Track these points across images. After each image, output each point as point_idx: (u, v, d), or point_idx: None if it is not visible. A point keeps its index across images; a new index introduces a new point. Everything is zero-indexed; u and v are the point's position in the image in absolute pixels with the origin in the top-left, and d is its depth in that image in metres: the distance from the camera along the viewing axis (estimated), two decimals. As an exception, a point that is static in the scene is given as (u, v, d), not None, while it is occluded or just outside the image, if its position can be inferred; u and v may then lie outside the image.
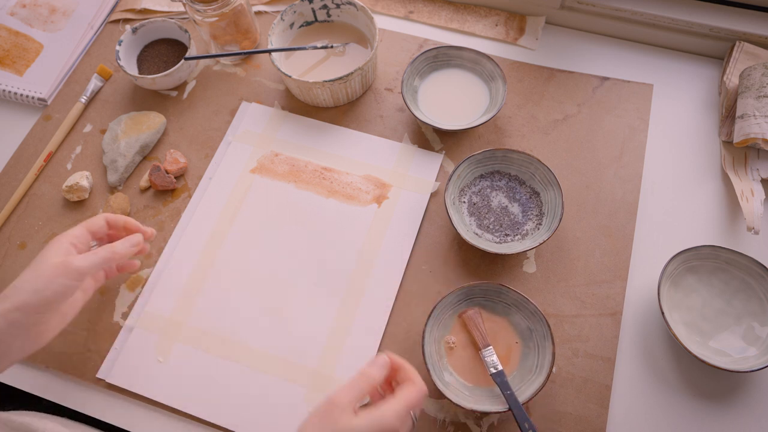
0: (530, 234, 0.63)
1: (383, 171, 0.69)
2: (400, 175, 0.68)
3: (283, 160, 0.70)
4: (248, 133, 0.72)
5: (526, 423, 0.52)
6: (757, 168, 0.66)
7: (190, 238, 0.66)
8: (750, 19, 0.72)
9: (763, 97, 0.64)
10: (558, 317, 0.61)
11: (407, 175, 0.68)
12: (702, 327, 0.59)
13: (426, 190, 0.67)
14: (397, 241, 0.65)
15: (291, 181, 0.69)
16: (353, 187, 0.68)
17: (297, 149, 0.71)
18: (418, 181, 0.68)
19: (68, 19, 0.84)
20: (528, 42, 0.78)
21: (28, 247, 0.68)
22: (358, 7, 0.73)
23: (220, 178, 0.70)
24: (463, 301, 0.60)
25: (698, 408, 0.56)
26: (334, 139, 0.71)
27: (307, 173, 0.69)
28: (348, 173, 0.69)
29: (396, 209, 0.66)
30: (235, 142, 0.72)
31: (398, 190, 0.67)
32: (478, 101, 0.72)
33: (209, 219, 0.67)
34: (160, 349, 0.60)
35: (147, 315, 0.62)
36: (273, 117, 0.73)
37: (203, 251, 0.65)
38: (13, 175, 0.73)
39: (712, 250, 0.59)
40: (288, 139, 0.71)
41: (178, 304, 0.62)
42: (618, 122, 0.71)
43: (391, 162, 0.69)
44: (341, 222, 0.66)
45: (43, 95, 0.77)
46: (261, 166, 0.70)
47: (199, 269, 0.64)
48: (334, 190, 0.68)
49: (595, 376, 0.58)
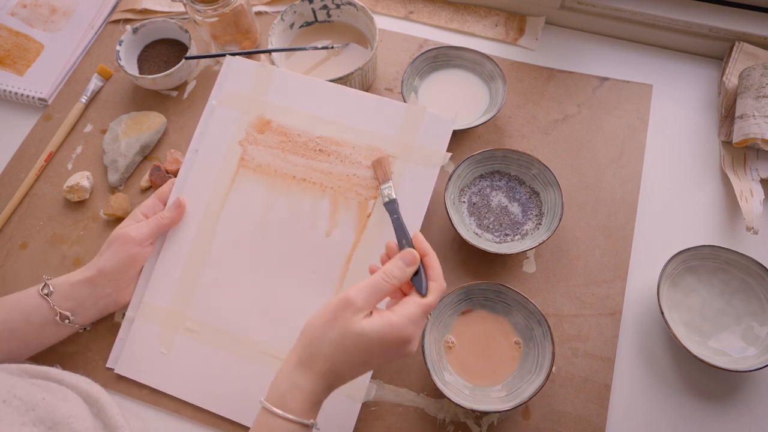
0: (530, 234, 0.63)
1: (387, 140, 0.61)
2: (405, 145, 0.61)
3: (275, 129, 0.63)
4: (234, 96, 0.64)
5: (403, 240, 0.51)
6: (757, 168, 0.66)
7: (181, 224, 0.62)
8: (749, 19, 0.72)
9: (763, 98, 0.65)
10: (558, 317, 0.61)
11: (414, 145, 0.61)
12: (701, 327, 0.59)
13: (435, 163, 0.60)
14: None
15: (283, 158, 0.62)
16: (351, 161, 0.61)
17: (289, 114, 0.63)
18: (426, 152, 0.60)
19: (69, 19, 0.84)
20: (528, 42, 0.78)
21: (30, 247, 0.68)
22: (358, 8, 0.73)
23: (207, 152, 0.64)
24: (463, 301, 0.60)
25: (698, 408, 0.57)
26: (331, 100, 0.63)
27: (299, 146, 0.63)
28: (346, 144, 0.62)
29: (401, 188, 0.60)
30: (220, 108, 0.64)
31: (403, 164, 0.60)
32: (478, 101, 0.72)
33: (198, 202, 0.63)
34: (162, 340, 0.60)
35: (146, 306, 0.61)
36: (261, 74, 0.65)
37: (195, 238, 0.62)
38: (13, 176, 0.73)
39: (711, 250, 0.60)
40: (279, 102, 0.64)
41: (175, 294, 0.61)
42: (618, 122, 0.71)
43: (396, 127, 0.61)
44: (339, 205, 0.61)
45: (44, 95, 0.78)
46: (250, 137, 0.63)
47: (192, 257, 0.61)
48: (329, 173, 0.61)
49: (594, 375, 0.58)
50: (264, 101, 0.64)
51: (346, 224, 0.60)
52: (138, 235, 0.58)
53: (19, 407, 0.45)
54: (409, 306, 0.45)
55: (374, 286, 0.45)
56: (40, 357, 0.61)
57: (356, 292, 0.44)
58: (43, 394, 0.47)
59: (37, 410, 0.46)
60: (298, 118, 0.63)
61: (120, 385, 0.60)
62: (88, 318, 0.58)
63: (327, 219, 0.61)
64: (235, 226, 0.62)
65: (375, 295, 0.45)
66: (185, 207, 0.62)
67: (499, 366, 0.58)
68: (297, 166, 0.62)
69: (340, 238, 0.60)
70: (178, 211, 0.61)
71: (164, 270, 0.61)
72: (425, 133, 0.61)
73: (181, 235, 0.62)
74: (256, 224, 0.61)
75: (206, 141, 0.64)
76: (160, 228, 0.60)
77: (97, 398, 0.52)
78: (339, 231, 0.60)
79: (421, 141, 0.61)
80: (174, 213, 0.61)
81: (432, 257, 0.48)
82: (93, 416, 0.50)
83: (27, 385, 0.47)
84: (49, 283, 0.56)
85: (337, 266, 0.60)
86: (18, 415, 0.44)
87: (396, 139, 0.61)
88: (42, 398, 0.46)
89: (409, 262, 0.47)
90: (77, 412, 0.48)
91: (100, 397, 0.52)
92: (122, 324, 0.61)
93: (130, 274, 0.60)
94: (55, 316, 0.55)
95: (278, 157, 0.63)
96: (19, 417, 0.44)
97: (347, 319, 0.43)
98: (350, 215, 0.60)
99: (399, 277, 0.46)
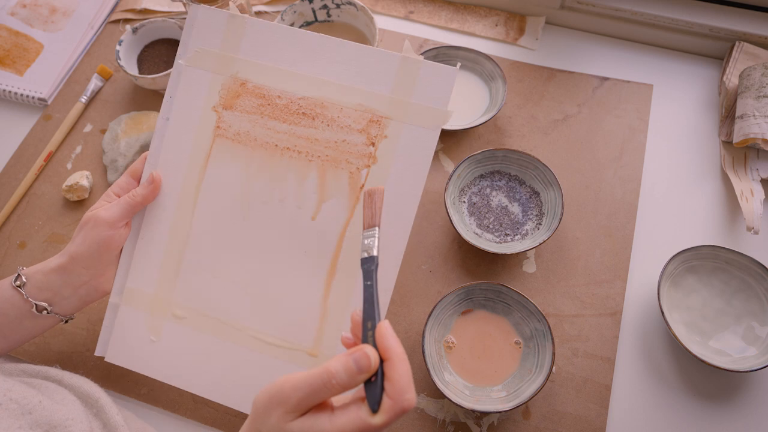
0: (530, 234, 0.63)
1: (378, 98, 0.54)
2: (400, 103, 0.53)
3: (251, 91, 0.56)
4: (203, 54, 0.57)
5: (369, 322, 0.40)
6: (757, 168, 0.66)
7: (159, 203, 0.57)
8: (750, 19, 0.72)
9: (763, 97, 0.65)
10: (558, 317, 0.61)
11: (410, 103, 0.53)
12: (702, 327, 0.59)
13: (436, 123, 0.52)
14: (399, 195, 0.53)
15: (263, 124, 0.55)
16: (339, 125, 0.54)
17: (266, 73, 0.56)
18: (425, 111, 0.53)
19: (68, 19, 0.84)
20: (528, 42, 0.78)
21: (28, 247, 0.68)
22: (358, 7, 0.73)
23: (179, 121, 0.57)
24: (463, 301, 0.60)
25: (698, 408, 0.57)
26: (313, 53, 0.55)
27: (280, 109, 0.55)
28: (332, 105, 0.54)
29: (396, 153, 0.53)
30: (188, 69, 0.57)
31: (398, 125, 0.53)
32: (478, 101, 0.72)
33: (175, 178, 0.57)
34: (150, 327, 0.56)
35: (130, 292, 0.56)
36: (232, 26, 0.56)
37: (174, 218, 0.57)
38: (13, 175, 0.73)
39: (711, 250, 0.59)
40: (253, 58, 0.56)
41: (159, 279, 0.56)
42: (618, 122, 0.71)
43: (389, 82, 0.53)
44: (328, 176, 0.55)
45: (44, 95, 0.78)
46: (224, 102, 0.56)
47: (173, 239, 0.57)
48: (314, 140, 0.55)
49: (594, 375, 0.58)
50: (236, 58, 0.56)
51: (336, 198, 0.54)
52: (109, 216, 0.53)
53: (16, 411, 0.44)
54: (349, 418, 0.37)
55: (312, 388, 0.37)
56: (38, 356, 0.61)
57: (291, 389, 0.38)
58: (39, 397, 0.46)
59: (34, 414, 0.45)
60: (277, 77, 0.55)
61: (119, 384, 0.59)
62: (68, 308, 0.54)
63: (315, 193, 0.54)
64: (216, 203, 0.56)
65: (311, 398, 0.38)
66: (160, 182, 0.56)
67: (500, 366, 0.57)
68: (279, 134, 0.55)
69: (331, 213, 0.54)
70: (151, 188, 0.55)
71: (145, 253, 0.57)
72: (423, 88, 0.52)
73: (160, 215, 0.57)
74: (238, 201, 0.56)
75: (177, 108, 0.57)
76: (132, 207, 0.55)
77: (96, 399, 0.52)
78: (329, 206, 0.54)
79: (418, 98, 0.52)
80: (147, 190, 0.55)
81: (397, 364, 0.37)
82: (91, 417, 0.50)
83: (24, 388, 0.47)
84: (22, 274, 0.52)
85: (328, 245, 0.54)
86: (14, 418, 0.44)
87: (389, 97, 0.53)
88: (39, 401, 0.46)
89: (362, 368, 0.37)
90: (75, 414, 0.48)
91: (99, 397, 0.52)
92: (107, 310, 0.57)
93: (105, 258, 0.54)
94: (31, 308, 0.52)
95: (257, 123, 0.56)
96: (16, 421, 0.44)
97: (279, 416, 0.38)
98: (341, 187, 0.54)
99: (344, 383, 0.37)
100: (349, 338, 0.42)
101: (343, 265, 0.54)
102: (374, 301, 0.41)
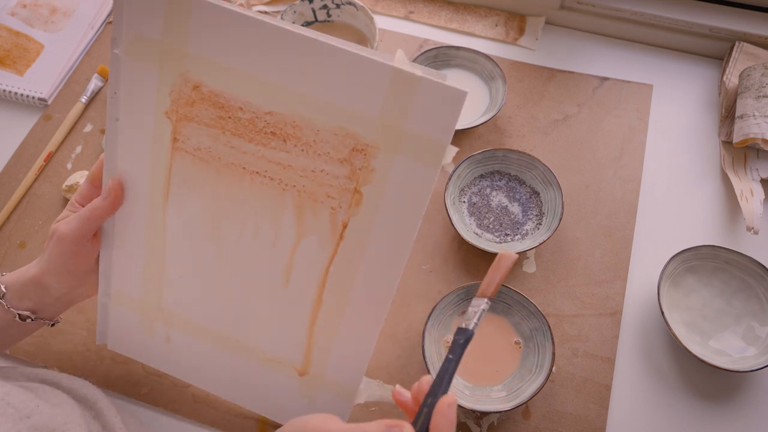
0: (530, 234, 0.63)
1: (364, 121, 0.41)
2: (391, 129, 0.40)
3: (206, 97, 0.44)
4: (141, 42, 0.43)
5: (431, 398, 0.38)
6: (757, 168, 0.66)
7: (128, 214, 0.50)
8: (750, 19, 0.72)
9: (763, 97, 0.65)
10: (558, 317, 0.61)
11: (404, 131, 0.40)
12: (702, 327, 0.59)
13: (435, 158, 0.40)
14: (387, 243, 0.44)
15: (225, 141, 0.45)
16: (316, 151, 0.43)
17: (223, 74, 0.43)
18: (422, 142, 0.40)
19: (69, 19, 0.84)
20: (528, 42, 0.78)
21: (28, 247, 0.68)
22: (358, 7, 0.73)
23: (130, 124, 0.47)
24: (463, 301, 0.60)
25: (698, 408, 0.57)
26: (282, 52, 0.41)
27: (243, 125, 0.44)
28: (307, 126, 0.42)
29: (386, 192, 0.42)
30: (129, 60, 0.44)
31: (389, 156, 0.41)
32: (478, 101, 0.72)
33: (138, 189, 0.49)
34: (144, 328, 0.55)
35: (118, 293, 0.53)
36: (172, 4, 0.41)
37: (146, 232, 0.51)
38: (13, 175, 0.73)
39: (711, 250, 0.59)
40: (205, 52, 0.43)
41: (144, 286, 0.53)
42: (618, 122, 0.71)
43: (378, 101, 0.40)
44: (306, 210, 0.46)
45: (44, 95, 0.78)
46: (178, 110, 0.45)
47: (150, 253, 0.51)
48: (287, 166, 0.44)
49: (594, 376, 0.58)
50: (185, 52, 0.43)
51: (317, 235, 0.46)
52: (69, 231, 0.49)
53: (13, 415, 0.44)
54: None
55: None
56: (38, 356, 0.61)
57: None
58: (37, 401, 0.46)
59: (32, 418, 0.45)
60: (236, 82, 0.43)
61: (119, 384, 0.59)
62: (53, 313, 0.53)
63: (293, 227, 0.46)
64: (186, 222, 0.49)
65: None
66: (120, 193, 0.50)
67: (499, 366, 0.57)
68: (246, 155, 0.45)
69: (312, 250, 0.46)
70: (111, 198, 0.50)
71: (124, 261, 0.52)
72: (421, 111, 0.39)
73: (132, 224, 0.51)
74: (209, 221, 0.48)
75: (124, 107, 0.46)
76: (93, 220, 0.49)
77: (94, 401, 0.51)
78: (309, 242, 0.46)
79: (414, 124, 0.40)
80: (107, 202, 0.50)
81: None
82: (90, 420, 0.50)
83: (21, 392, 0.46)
84: (1, 283, 0.50)
85: (312, 279, 0.47)
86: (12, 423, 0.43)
87: (377, 121, 0.40)
88: (36, 405, 0.45)
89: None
90: (73, 418, 0.47)
91: (98, 399, 0.52)
92: (98, 306, 0.55)
93: (78, 272, 0.51)
94: (14, 318, 0.50)
95: (219, 140, 0.45)
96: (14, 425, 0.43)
97: None
98: (321, 224, 0.45)
99: None
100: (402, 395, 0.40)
101: (330, 298, 0.48)
102: (446, 376, 0.38)
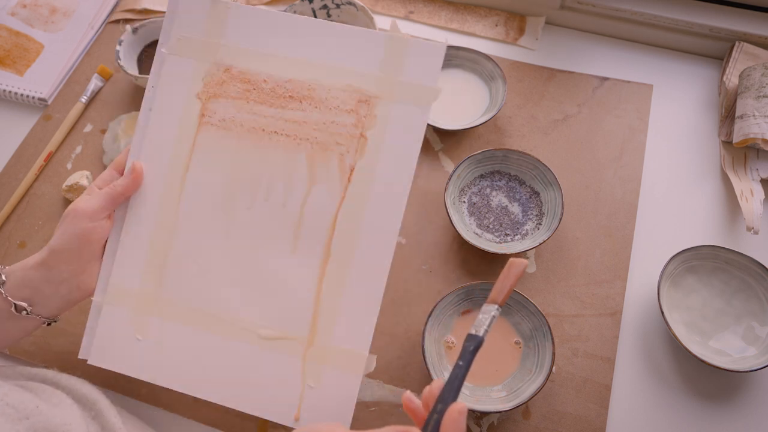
0: (530, 234, 0.63)
1: (366, 78, 0.53)
2: (389, 82, 0.53)
3: (236, 76, 0.55)
4: (186, 41, 0.56)
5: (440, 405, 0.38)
6: (757, 168, 0.66)
7: (143, 195, 0.55)
8: (750, 19, 0.72)
9: (763, 97, 0.65)
10: (558, 317, 0.61)
11: (399, 82, 0.52)
12: (702, 327, 0.59)
13: (426, 101, 0.52)
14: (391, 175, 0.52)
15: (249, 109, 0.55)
16: (328, 106, 0.54)
17: (251, 58, 0.55)
18: (414, 89, 0.52)
19: (69, 19, 0.84)
20: (528, 42, 0.78)
21: (28, 247, 0.68)
22: (358, 7, 0.73)
23: (162, 110, 0.56)
24: (463, 301, 0.60)
25: (698, 408, 0.57)
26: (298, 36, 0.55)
27: (266, 93, 0.55)
28: (320, 86, 0.54)
29: (387, 133, 0.52)
30: (171, 57, 0.56)
31: (387, 105, 0.52)
32: (478, 101, 0.72)
33: (159, 168, 0.55)
34: (136, 325, 0.55)
35: (114, 289, 0.54)
36: (214, 12, 0.56)
37: (159, 210, 0.55)
38: (13, 175, 0.73)
39: (711, 250, 0.59)
40: (238, 43, 0.55)
41: (144, 274, 0.55)
42: (618, 122, 0.71)
43: (376, 62, 0.53)
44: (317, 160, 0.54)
45: (44, 95, 0.78)
46: (208, 90, 0.55)
47: (159, 230, 0.55)
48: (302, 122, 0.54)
49: (594, 375, 0.58)
50: (220, 44, 0.55)
51: (326, 183, 0.54)
52: (88, 207, 0.51)
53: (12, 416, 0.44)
54: None
55: None
56: (38, 356, 0.61)
57: None
58: (36, 402, 0.46)
59: (32, 419, 0.44)
60: (262, 61, 0.55)
61: (119, 384, 0.59)
62: (50, 308, 0.52)
63: (305, 176, 0.54)
64: (203, 192, 0.55)
65: None
66: (141, 173, 0.54)
67: (499, 366, 0.58)
68: (266, 118, 0.55)
69: (322, 196, 0.53)
70: (132, 178, 0.53)
71: (130, 247, 0.55)
72: (412, 66, 0.52)
73: (144, 207, 0.55)
74: (225, 188, 0.55)
75: (159, 98, 0.56)
76: (113, 198, 0.53)
77: (94, 401, 0.51)
78: (319, 189, 0.54)
79: (407, 76, 0.52)
80: (127, 180, 0.53)
81: None
82: (89, 421, 0.50)
83: (21, 392, 0.46)
84: (1, 272, 0.50)
85: (321, 228, 0.53)
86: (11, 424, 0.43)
87: (377, 77, 0.53)
88: (36, 406, 0.45)
89: None
90: (72, 418, 0.47)
91: (97, 399, 0.51)
92: (90, 311, 0.55)
93: (86, 253, 0.52)
94: (10, 308, 0.49)
95: (243, 108, 0.55)
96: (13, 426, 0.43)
97: None
98: (331, 171, 0.54)
99: None
100: (412, 401, 0.41)
101: (338, 248, 0.53)
102: (456, 383, 0.39)
